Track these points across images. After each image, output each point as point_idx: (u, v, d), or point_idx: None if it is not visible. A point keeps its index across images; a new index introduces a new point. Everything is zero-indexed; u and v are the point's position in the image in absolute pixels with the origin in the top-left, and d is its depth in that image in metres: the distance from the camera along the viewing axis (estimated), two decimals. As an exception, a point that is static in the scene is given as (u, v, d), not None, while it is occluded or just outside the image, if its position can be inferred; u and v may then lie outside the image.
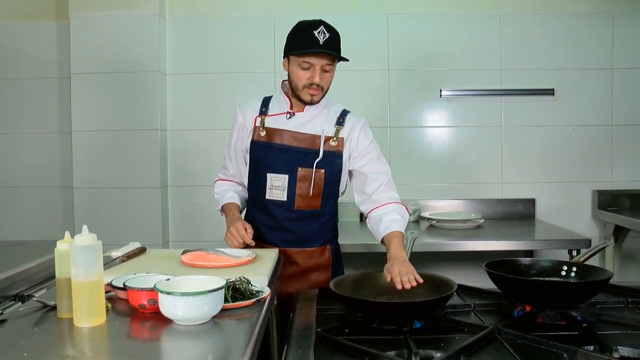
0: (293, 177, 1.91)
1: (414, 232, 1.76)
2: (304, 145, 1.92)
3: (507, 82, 3.30)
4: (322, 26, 1.83)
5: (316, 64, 1.83)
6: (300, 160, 1.91)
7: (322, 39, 1.80)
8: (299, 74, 1.86)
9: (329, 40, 1.82)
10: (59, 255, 1.23)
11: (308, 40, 1.81)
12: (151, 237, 3.13)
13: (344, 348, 1.16)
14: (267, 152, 1.93)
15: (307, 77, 1.85)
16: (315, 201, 1.95)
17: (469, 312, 1.43)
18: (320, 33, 1.81)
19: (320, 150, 1.91)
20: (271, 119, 1.96)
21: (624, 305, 1.46)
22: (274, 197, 1.93)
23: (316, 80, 1.84)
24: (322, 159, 1.91)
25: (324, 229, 2.02)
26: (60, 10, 3.30)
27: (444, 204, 3.31)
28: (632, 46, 3.27)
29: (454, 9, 3.29)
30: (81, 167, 3.20)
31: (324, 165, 1.92)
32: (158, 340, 1.15)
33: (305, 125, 1.94)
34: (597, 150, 3.31)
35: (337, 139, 1.94)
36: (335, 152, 1.94)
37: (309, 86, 1.86)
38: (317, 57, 1.82)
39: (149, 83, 3.18)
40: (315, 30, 1.81)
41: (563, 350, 1.11)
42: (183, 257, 1.66)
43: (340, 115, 1.99)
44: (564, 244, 2.65)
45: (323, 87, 1.89)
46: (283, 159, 1.92)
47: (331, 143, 1.93)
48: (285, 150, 1.91)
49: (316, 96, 1.89)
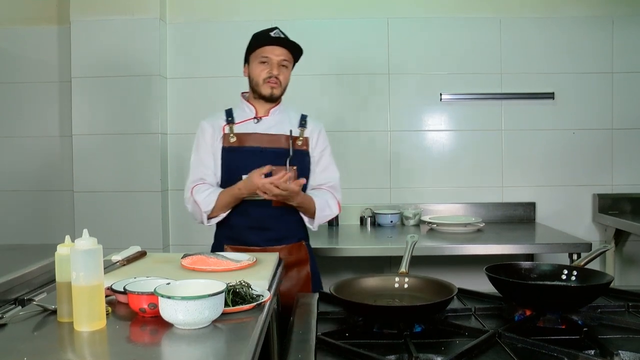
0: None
1: (414, 236, 1.76)
2: (275, 146, 2.06)
3: (507, 86, 3.30)
4: (277, 29, 2.04)
5: (273, 57, 2.01)
6: (273, 160, 2.02)
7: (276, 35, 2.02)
8: (257, 70, 2.04)
9: (284, 38, 2.02)
10: (60, 259, 1.23)
11: (265, 37, 2.02)
12: (151, 241, 3.13)
13: (345, 352, 1.16)
14: (240, 156, 2.04)
15: (266, 70, 2.02)
16: None
17: (470, 316, 1.43)
18: (276, 33, 2.02)
19: (290, 149, 2.06)
20: (239, 126, 2.09)
21: (624, 310, 1.45)
22: (253, 197, 2.00)
23: (274, 72, 2.02)
24: (293, 157, 2.06)
25: (298, 226, 2.15)
26: (61, 14, 3.31)
27: (444, 207, 3.31)
28: (632, 50, 3.28)
29: (454, 13, 3.30)
30: (82, 171, 3.20)
31: (295, 162, 2.07)
32: (158, 344, 1.15)
33: (273, 127, 2.09)
34: (597, 154, 3.31)
35: (302, 139, 2.12)
36: (303, 151, 2.11)
37: (268, 79, 2.02)
38: (274, 50, 2.01)
39: (149, 87, 3.18)
40: (270, 32, 2.02)
41: (564, 354, 1.11)
42: (183, 261, 1.66)
43: (301, 118, 2.17)
44: (565, 248, 2.65)
45: (281, 81, 2.05)
46: (257, 160, 2.01)
47: (298, 142, 2.10)
48: (259, 152, 2.04)
49: (276, 89, 2.05)
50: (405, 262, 1.64)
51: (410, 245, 1.70)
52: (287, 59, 2.04)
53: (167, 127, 3.30)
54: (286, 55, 2.03)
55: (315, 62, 3.28)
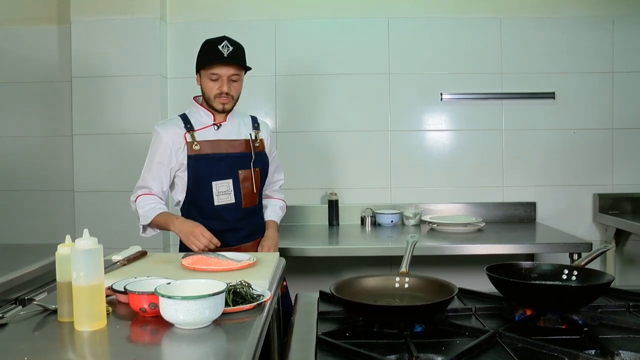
0: (236, 180, 2.10)
1: (414, 235, 1.76)
2: (239, 150, 2.14)
3: (508, 85, 3.30)
4: (225, 41, 2.05)
5: (223, 74, 2.04)
6: (238, 164, 2.12)
7: (226, 52, 2.03)
8: (209, 85, 2.07)
9: (232, 52, 2.04)
10: (60, 259, 1.23)
11: (214, 54, 2.03)
12: (152, 241, 3.11)
13: (345, 352, 1.16)
14: (207, 163, 2.08)
15: (217, 87, 2.06)
16: (256, 197, 2.19)
17: (470, 315, 1.43)
18: (224, 47, 2.03)
19: (252, 152, 2.15)
20: (200, 133, 2.11)
21: (625, 309, 1.45)
22: (223, 202, 2.10)
23: (224, 89, 2.05)
24: (255, 159, 2.16)
25: (261, 220, 2.29)
26: (61, 14, 3.31)
27: (444, 207, 3.31)
28: (632, 50, 3.28)
29: (454, 13, 3.30)
30: (82, 171, 3.20)
31: (257, 164, 2.18)
32: (159, 344, 1.15)
33: (233, 132, 2.15)
34: (598, 153, 3.31)
35: (259, 141, 2.22)
36: (261, 152, 2.22)
37: (219, 95, 2.06)
38: (223, 68, 2.04)
39: (149, 87, 3.18)
40: (219, 45, 2.03)
41: (564, 354, 1.11)
42: (184, 261, 1.66)
43: (253, 120, 2.26)
44: (565, 248, 2.65)
45: (233, 95, 2.08)
46: (223, 165, 2.09)
47: (256, 144, 2.19)
48: (224, 158, 2.10)
49: (227, 104, 2.09)
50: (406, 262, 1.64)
51: (411, 245, 1.70)
52: (237, 73, 2.07)
53: (168, 127, 3.30)
54: (236, 70, 2.06)
55: (315, 62, 3.28)
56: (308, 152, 3.31)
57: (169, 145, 2.09)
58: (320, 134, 3.32)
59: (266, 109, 3.30)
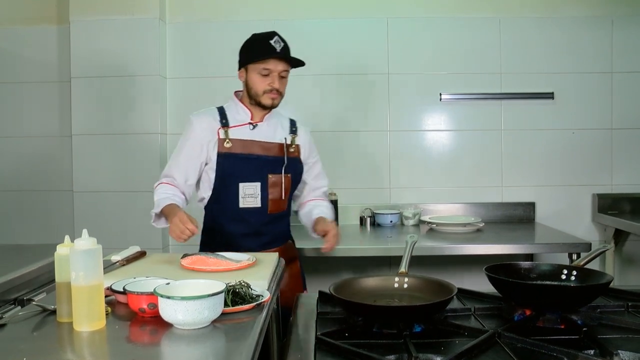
0: (265, 184, 2.03)
1: (413, 235, 1.76)
2: (272, 154, 2.06)
3: (507, 85, 3.31)
4: (276, 36, 2.00)
5: (275, 70, 1.99)
6: (269, 168, 2.05)
7: (278, 47, 1.98)
8: (258, 80, 2.00)
9: (284, 48, 2.00)
10: (59, 259, 1.23)
11: (266, 48, 1.97)
12: (151, 241, 3.12)
13: (344, 352, 1.16)
14: (237, 162, 2.01)
15: (267, 83, 2.00)
16: (284, 204, 2.11)
17: (469, 316, 1.43)
18: (276, 42, 1.98)
19: (285, 157, 2.07)
20: (234, 130, 2.05)
21: (624, 309, 1.45)
22: (248, 205, 2.03)
23: (276, 85, 1.99)
24: (287, 164, 2.07)
25: (287, 227, 2.21)
26: (60, 14, 3.31)
27: (444, 207, 3.31)
28: (631, 50, 3.28)
29: (453, 13, 3.30)
30: (81, 171, 3.20)
31: (289, 170, 2.09)
32: (158, 344, 1.15)
33: (269, 134, 2.08)
34: (597, 153, 3.32)
35: (294, 146, 2.13)
36: (295, 158, 2.13)
37: (269, 91, 2.00)
38: (276, 63, 1.98)
39: (149, 87, 3.18)
40: (271, 40, 1.97)
41: (563, 354, 1.11)
42: (183, 261, 1.66)
43: (291, 124, 2.18)
44: (564, 248, 2.65)
45: (282, 92, 2.04)
46: (253, 167, 2.02)
47: (291, 150, 2.11)
48: (255, 159, 2.02)
49: (276, 100, 2.04)
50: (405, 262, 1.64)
51: (410, 245, 1.70)
52: (287, 69, 2.03)
53: (167, 127, 3.30)
54: (287, 66, 2.02)
55: (314, 62, 3.26)
56: (307, 152, 3.31)
57: (201, 137, 2.02)
58: (319, 134, 3.28)
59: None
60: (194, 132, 2.04)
